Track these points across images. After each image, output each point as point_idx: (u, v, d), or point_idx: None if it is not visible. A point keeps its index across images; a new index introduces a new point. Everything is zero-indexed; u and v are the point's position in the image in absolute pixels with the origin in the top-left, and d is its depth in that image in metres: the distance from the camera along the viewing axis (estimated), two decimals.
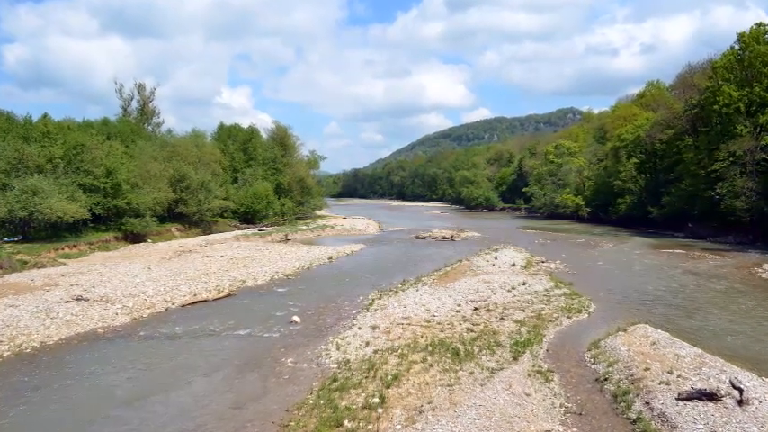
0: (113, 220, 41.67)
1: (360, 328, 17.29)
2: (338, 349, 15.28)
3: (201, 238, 46.02)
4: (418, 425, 10.32)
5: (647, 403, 11.06)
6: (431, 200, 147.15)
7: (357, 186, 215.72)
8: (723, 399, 10.67)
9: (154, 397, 12.31)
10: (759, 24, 44.20)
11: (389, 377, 12.63)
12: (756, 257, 33.27)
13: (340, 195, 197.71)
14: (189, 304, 21.36)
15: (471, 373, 13.02)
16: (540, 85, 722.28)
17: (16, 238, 33.76)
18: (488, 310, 19.31)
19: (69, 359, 14.84)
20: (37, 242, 33.76)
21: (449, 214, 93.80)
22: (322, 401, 11.50)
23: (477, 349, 14.74)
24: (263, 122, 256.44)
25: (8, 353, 15.18)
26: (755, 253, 35.34)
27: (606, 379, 12.81)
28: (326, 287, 25.03)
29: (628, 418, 10.87)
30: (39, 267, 28.32)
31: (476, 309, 19.56)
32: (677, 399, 10.87)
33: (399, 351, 14.67)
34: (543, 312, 19.00)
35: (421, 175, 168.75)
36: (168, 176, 48.31)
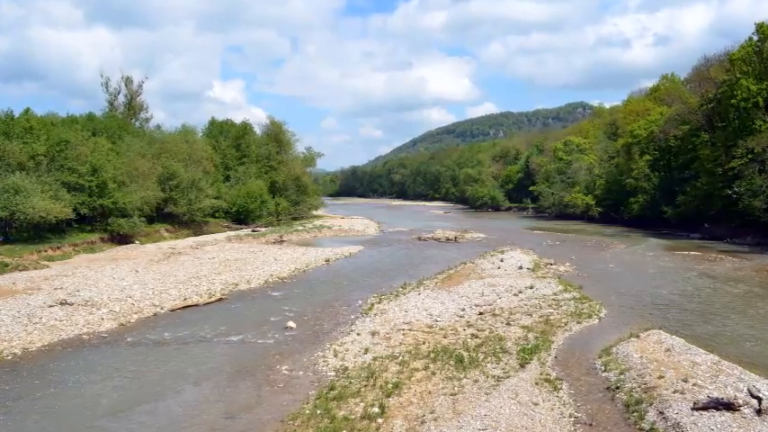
0: (99, 221, 41.66)
1: (358, 334, 17.30)
2: (336, 356, 15.29)
3: (192, 240, 46.02)
4: None
5: (661, 413, 11.05)
6: (433, 199, 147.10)
7: (356, 185, 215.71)
8: (741, 408, 10.68)
9: (141, 407, 12.30)
10: None
11: (390, 386, 12.64)
12: None
13: (338, 194, 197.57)
14: (178, 309, 21.38)
15: (476, 381, 13.03)
16: (549, 79, 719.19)
17: None
18: (494, 315, 19.33)
19: (53, 367, 14.83)
20: (18, 243, 33.75)
21: (452, 214, 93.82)
22: (319, 411, 11.50)
23: (481, 356, 14.76)
24: (257, 117, 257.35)
25: None
26: None
27: (618, 388, 12.80)
28: (323, 291, 25.04)
29: (641, 429, 10.86)
30: (20, 270, 28.30)
31: (480, 314, 19.57)
32: (693, 408, 10.86)
33: (400, 358, 14.68)
34: (551, 317, 19.00)
35: (423, 173, 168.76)
36: (157, 174, 48.25)
